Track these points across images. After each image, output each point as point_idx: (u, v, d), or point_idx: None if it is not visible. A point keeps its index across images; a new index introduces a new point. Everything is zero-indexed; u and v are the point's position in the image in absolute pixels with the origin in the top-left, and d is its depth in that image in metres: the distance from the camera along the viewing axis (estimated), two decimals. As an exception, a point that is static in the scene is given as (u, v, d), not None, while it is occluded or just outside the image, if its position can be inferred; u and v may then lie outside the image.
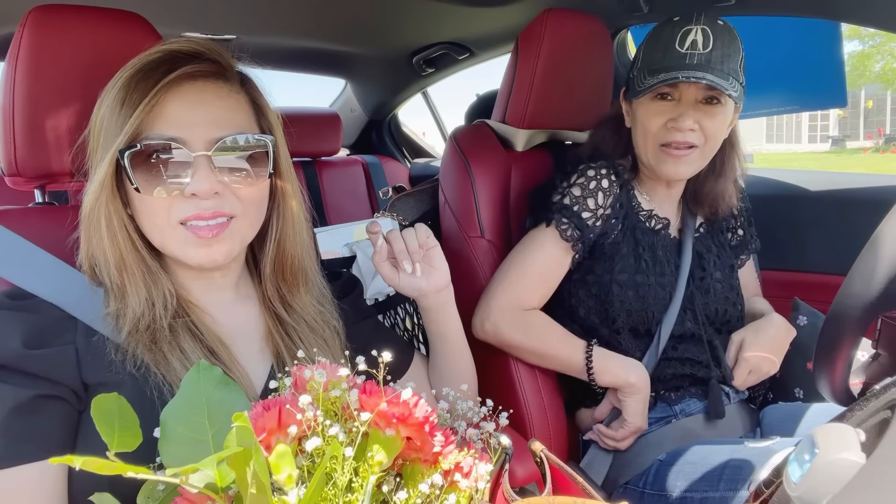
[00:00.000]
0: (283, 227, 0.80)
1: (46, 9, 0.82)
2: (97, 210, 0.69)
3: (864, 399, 0.46)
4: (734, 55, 1.07)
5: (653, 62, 1.10)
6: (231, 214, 0.72)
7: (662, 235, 1.21)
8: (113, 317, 0.69)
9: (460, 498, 0.48)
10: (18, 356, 0.62)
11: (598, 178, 1.16)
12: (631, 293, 1.15)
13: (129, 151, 0.67)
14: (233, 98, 0.73)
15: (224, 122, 0.71)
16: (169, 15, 1.79)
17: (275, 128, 0.78)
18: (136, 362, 0.67)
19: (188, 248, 0.70)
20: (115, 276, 0.70)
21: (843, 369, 0.72)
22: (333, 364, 0.51)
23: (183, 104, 0.69)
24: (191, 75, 0.70)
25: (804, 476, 0.38)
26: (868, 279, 0.63)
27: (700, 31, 1.06)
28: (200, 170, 0.68)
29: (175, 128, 0.68)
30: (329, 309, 0.86)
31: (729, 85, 1.05)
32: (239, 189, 0.72)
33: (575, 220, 1.14)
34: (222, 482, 0.42)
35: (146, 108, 0.67)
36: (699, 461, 1.03)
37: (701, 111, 1.09)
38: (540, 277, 1.17)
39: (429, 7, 1.82)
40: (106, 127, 0.69)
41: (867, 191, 1.54)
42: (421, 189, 1.67)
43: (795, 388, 1.32)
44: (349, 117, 3.03)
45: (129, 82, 0.68)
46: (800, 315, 1.33)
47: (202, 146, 0.69)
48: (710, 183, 1.21)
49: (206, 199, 0.69)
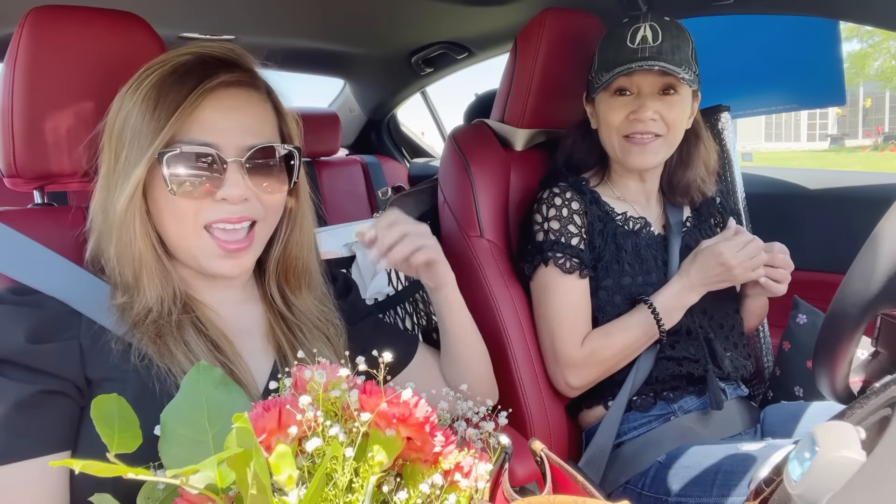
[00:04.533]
0: (291, 231, 0.83)
1: (45, 10, 0.82)
2: (131, 210, 0.70)
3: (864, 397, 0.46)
4: (684, 46, 1.12)
5: (607, 60, 1.15)
6: (255, 219, 0.74)
7: (644, 235, 1.23)
8: (119, 309, 0.70)
9: (460, 498, 0.48)
10: (21, 351, 0.63)
11: (567, 203, 1.19)
12: (619, 298, 1.17)
13: (168, 154, 0.68)
14: (261, 107, 0.75)
15: (255, 131, 0.73)
16: (167, 15, 1.79)
17: (294, 135, 0.81)
18: (140, 354, 0.68)
19: (214, 260, 0.73)
20: (131, 273, 0.71)
21: (843, 367, 0.72)
22: (333, 364, 0.52)
23: (218, 110, 0.71)
24: (226, 82, 0.71)
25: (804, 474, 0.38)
26: (867, 277, 0.63)
27: (648, 27, 1.12)
28: (233, 176, 0.70)
29: (210, 134, 0.70)
30: (331, 308, 0.87)
31: (682, 70, 1.09)
32: (264, 196, 0.74)
33: (567, 251, 1.17)
34: (223, 483, 0.42)
35: (184, 112, 0.68)
36: (694, 465, 1.04)
37: (659, 101, 1.13)
38: (574, 314, 1.18)
39: (427, 7, 1.82)
40: (135, 128, 0.69)
41: (866, 189, 1.55)
42: (420, 189, 1.67)
43: (796, 386, 1.32)
44: (348, 117, 3.03)
45: (162, 84, 0.69)
46: (799, 314, 1.33)
47: (235, 153, 0.71)
48: (679, 173, 1.25)
49: (235, 203, 0.71)
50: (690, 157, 1.24)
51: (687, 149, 1.23)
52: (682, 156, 1.23)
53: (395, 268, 0.87)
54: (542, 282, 1.21)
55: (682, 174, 1.25)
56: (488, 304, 1.27)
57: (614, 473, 1.14)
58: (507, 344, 1.23)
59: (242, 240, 0.73)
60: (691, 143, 1.23)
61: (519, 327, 1.25)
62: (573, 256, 1.17)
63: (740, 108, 1.79)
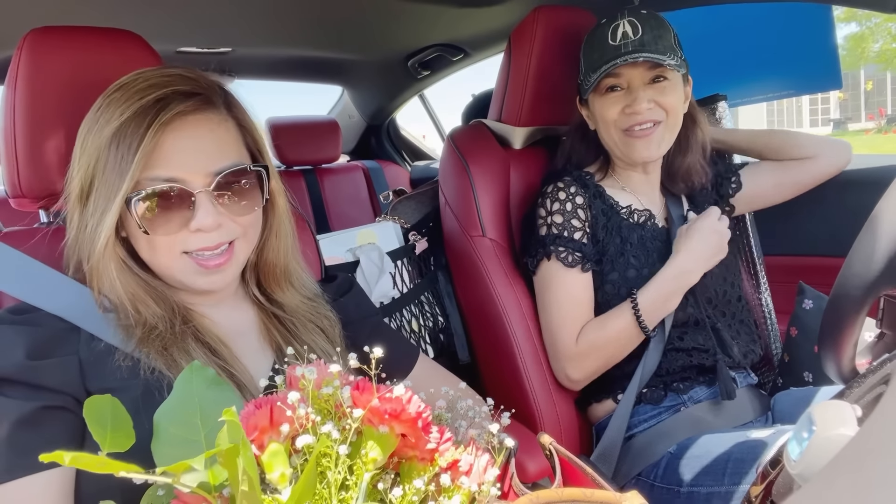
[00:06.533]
0: (267, 239, 0.83)
1: (43, 31, 0.84)
2: (106, 256, 0.70)
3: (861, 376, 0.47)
4: (665, 35, 1.13)
5: (593, 62, 1.17)
6: (233, 239, 0.75)
7: (649, 227, 1.23)
8: (123, 329, 0.70)
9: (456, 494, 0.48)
10: (20, 369, 0.63)
11: (571, 198, 1.19)
12: (624, 290, 1.17)
13: (135, 198, 0.68)
14: (223, 127, 0.75)
15: (220, 155, 0.72)
16: (164, 31, 1.80)
17: (261, 145, 0.80)
18: (149, 368, 0.68)
19: (195, 277, 0.74)
20: (128, 305, 0.72)
21: (849, 350, 0.71)
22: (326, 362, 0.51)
23: (178, 141, 0.70)
24: (182, 112, 0.70)
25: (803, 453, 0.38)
26: (868, 258, 0.63)
27: (627, 23, 1.14)
28: (203, 206, 0.70)
29: (174, 168, 0.70)
30: (321, 302, 0.88)
31: (667, 57, 1.10)
32: (239, 218, 0.75)
33: (570, 245, 1.17)
34: (215, 481, 0.41)
35: (146, 150, 0.67)
36: (705, 454, 1.04)
37: (651, 90, 1.14)
38: (576, 308, 1.18)
39: (421, 9, 1.83)
40: (102, 168, 0.69)
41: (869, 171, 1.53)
42: (421, 191, 1.68)
43: (805, 372, 1.31)
44: (348, 124, 3.04)
45: (119, 127, 0.68)
46: (805, 299, 1.33)
47: (202, 182, 0.70)
48: (678, 159, 1.25)
49: (210, 231, 0.71)
50: (688, 141, 1.25)
51: (684, 133, 1.23)
52: (679, 141, 1.23)
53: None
54: (545, 276, 1.21)
55: (682, 160, 1.25)
56: (493, 302, 1.27)
57: (626, 466, 1.14)
58: (514, 341, 1.24)
59: (221, 255, 0.74)
60: (688, 127, 1.23)
61: (524, 324, 1.25)
62: (576, 251, 1.17)
63: (738, 97, 1.78)
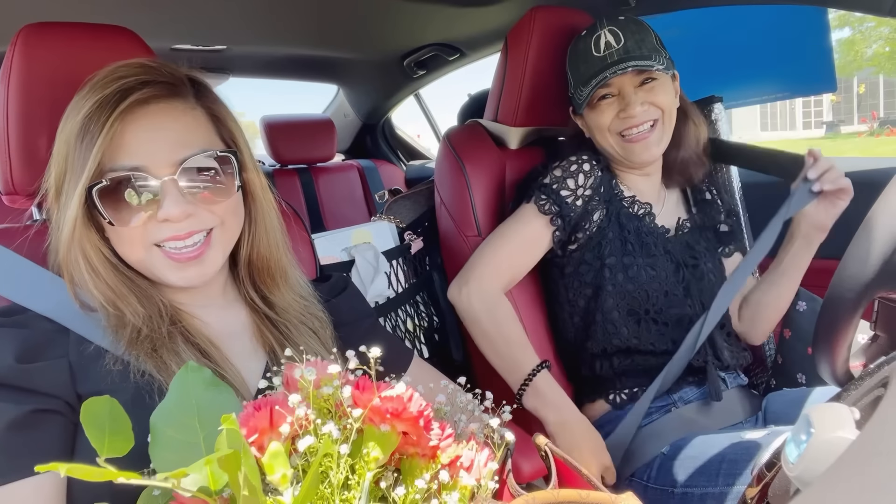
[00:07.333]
0: (255, 232, 0.81)
1: (36, 27, 0.83)
2: (74, 251, 0.69)
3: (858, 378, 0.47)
4: (647, 38, 1.15)
5: (581, 75, 1.19)
6: (207, 229, 0.72)
7: (647, 222, 1.23)
8: (112, 330, 0.69)
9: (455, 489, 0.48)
10: (10, 372, 0.62)
11: (578, 163, 1.20)
12: (621, 276, 1.17)
13: (96, 188, 0.67)
14: (189, 115, 0.73)
15: (185, 143, 0.70)
16: (159, 28, 1.80)
17: (236, 136, 0.78)
18: (139, 371, 0.67)
19: (168, 272, 0.71)
20: (110, 305, 0.70)
21: (843, 352, 0.72)
22: (324, 361, 0.51)
23: (140, 130, 0.68)
24: (143, 101, 0.69)
25: (801, 456, 0.38)
26: (863, 260, 0.63)
27: (608, 32, 1.15)
28: (169, 195, 0.68)
29: (136, 157, 0.68)
30: (312, 302, 0.86)
31: (653, 62, 1.12)
32: (211, 206, 0.72)
33: (553, 197, 1.18)
34: (215, 485, 0.41)
35: (105, 140, 0.66)
36: (698, 455, 1.04)
37: (643, 92, 1.15)
38: (519, 249, 1.20)
39: (417, 9, 1.83)
40: (70, 161, 0.68)
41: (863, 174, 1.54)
42: (417, 191, 1.68)
43: (798, 373, 1.32)
44: (343, 122, 3.03)
45: (85, 117, 0.67)
46: (799, 300, 1.34)
47: (166, 171, 0.68)
48: (673, 154, 1.26)
49: (179, 221, 0.69)
50: (680, 135, 1.25)
51: (676, 128, 1.23)
52: (672, 138, 1.23)
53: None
54: (516, 214, 1.23)
55: (676, 154, 1.26)
56: (488, 302, 1.27)
57: (619, 466, 1.14)
58: (509, 342, 1.23)
59: (196, 248, 0.71)
60: (679, 121, 1.24)
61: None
62: (555, 203, 1.18)
63: (733, 99, 1.79)
